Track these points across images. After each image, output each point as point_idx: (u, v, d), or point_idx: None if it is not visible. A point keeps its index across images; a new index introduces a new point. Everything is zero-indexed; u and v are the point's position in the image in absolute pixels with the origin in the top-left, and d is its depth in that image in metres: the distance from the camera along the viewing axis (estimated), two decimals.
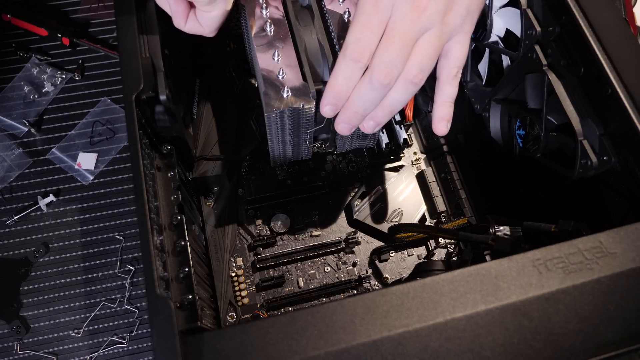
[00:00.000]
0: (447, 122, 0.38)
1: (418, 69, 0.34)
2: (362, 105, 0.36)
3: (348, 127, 0.38)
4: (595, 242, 0.30)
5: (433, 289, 0.29)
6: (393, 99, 0.36)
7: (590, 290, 0.29)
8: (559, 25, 0.38)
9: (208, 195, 0.54)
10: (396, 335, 0.27)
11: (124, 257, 0.55)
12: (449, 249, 0.53)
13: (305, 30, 0.43)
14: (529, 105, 0.44)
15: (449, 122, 0.38)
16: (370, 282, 0.52)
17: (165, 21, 0.41)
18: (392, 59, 0.33)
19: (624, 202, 0.38)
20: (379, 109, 0.37)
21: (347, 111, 0.37)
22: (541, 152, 0.42)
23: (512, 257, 0.30)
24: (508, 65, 0.45)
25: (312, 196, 0.55)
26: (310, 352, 0.27)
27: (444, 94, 0.38)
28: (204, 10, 0.40)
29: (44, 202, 0.56)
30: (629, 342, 0.28)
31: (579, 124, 0.38)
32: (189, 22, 0.41)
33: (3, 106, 0.61)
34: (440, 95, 0.38)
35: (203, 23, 0.41)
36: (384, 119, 0.38)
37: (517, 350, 0.27)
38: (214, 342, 0.27)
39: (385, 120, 0.38)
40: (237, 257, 0.52)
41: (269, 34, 0.42)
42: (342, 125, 0.38)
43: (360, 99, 0.36)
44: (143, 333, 0.52)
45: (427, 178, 0.56)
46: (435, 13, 0.34)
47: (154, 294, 0.29)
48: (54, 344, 0.51)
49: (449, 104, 0.38)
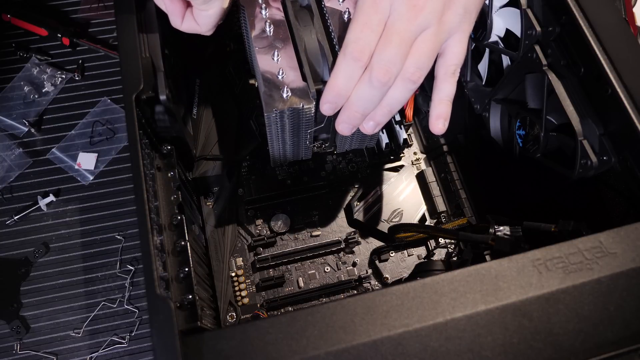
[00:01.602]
0: (444, 120, 0.38)
1: (416, 67, 0.34)
2: (362, 105, 0.36)
3: (349, 127, 0.38)
4: (595, 242, 0.30)
5: (433, 289, 0.29)
6: (392, 98, 0.36)
7: (590, 290, 0.29)
8: (559, 25, 0.38)
9: (208, 195, 0.54)
10: (396, 335, 0.27)
11: (124, 257, 0.55)
12: (449, 249, 0.53)
13: (305, 30, 0.43)
14: (529, 105, 0.44)
15: (446, 121, 0.38)
16: (370, 282, 0.52)
17: (165, 21, 0.41)
18: (390, 58, 0.34)
19: (624, 202, 0.38)
20: (378, 108, 0.37)
21: (347, 111, 0.37)
22: (541, 152, 0.42)
23: (512, 257, 0.30)
24: (508, 65, 0.45)
25: (312, 196, 0.55)
26: (310, 352, 0.27)
27: (441, 92, 0.37)
28: (201, 9, 0.39)
29: (44, 202, 0.56)
30: (629, 342, 0.28)
31: (579, 124, 0.38)
32: (185, 21, 0.41)
33: (3, 106, 0.61)
34: (437, 93, 0.38)
35: (200, 22, 0.41)
36: (383, 119, 0.38)
37: (517, 350, 0.27)
38: (214, 342, 0.27)
39: (384, 120, 0.38)
40: (237, 257, 0.52)
41: (268, 34, 0.42)
42: (343, 125, 0.38)
43: (360, 98, 0.36)
44: (143, 333, 0.52)
45: (427, 178, 0.56)
46: (432, 12, 0.34)
47: (154, 294, 0.29)
48: (54, 344, 0.51)
49: (446, 102, 0.37)
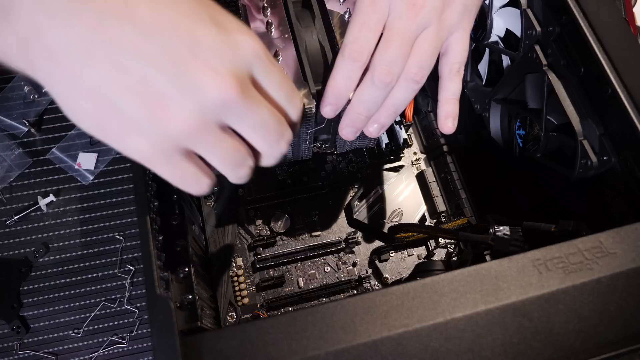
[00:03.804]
0: (453, 119, 0.37)
1: (418, 66, 0.34)
2: (365, 107, 0.36)
3: (353, 130, 0.38)
4: (595, 242, 0.30)
5: (433, 289, 0.29)
6: (396, 99, 0.36)
7: (590, 290, 0.29)
8: (559, 25, 0.38)
9: (208, 195, 0.54)
10: (396, 335, 0.27)
11: (124, 257, 0.55)
12: (449, 249, 0.53)
13: (306, 30, 0.43)
14: (529, 105, 0.44)
15: (455, 120, 0.37)
16: (370, 282, 0.52)
17: None
18: (392, 58, 0.33)
19: (624, 202, 0.38)
20: (382, 110, 0.36)
21: (350, 114, 0.37)
22: (541, 152, 0.42)
23: (512, 257, 0.30)
24: (508, 65, 0.45)
25: (312, 196, 0.55)
26: (310, 352, 0.27)
27: (447, 91, 0.37)
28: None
29: (44, 202, 0.56)
30: (629, 342, 0.28)
31: (579, 124, 0.38)
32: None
33: (3, 106, 0.61)
34: (443, 92, 0.37)
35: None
36: (387, 121, 0.37)
37: (517, 350, 0.27)
38: (214, 342, 0.27)
39: (388, 121, 0.38)
40: (237, 257, 0.52)
41: (269, 34, 0.42)
42: (347, 130, 0.38)
43: (363, 100, 0.35)
44: (143, 333, 0.52)
45: (427, 178, 0.56)
46: (432, 10, 0.34)
47: (154, 294, 0.29)
48: (54, 344, 0.51)
49: (453, 100, 0.37)
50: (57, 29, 0.22)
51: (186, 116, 0.24)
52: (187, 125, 0.24)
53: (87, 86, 0.23)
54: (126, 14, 0.22)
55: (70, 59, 0.23)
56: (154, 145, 0.25)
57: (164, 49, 0.23)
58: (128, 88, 0.23)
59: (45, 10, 0.22)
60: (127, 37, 0.22)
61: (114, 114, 0.24)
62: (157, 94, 0.23)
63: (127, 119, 0.24)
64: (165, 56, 0.23)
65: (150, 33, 0.23)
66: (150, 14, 0.23)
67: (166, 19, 0.23)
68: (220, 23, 0.25)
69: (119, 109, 0.24)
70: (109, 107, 0.23)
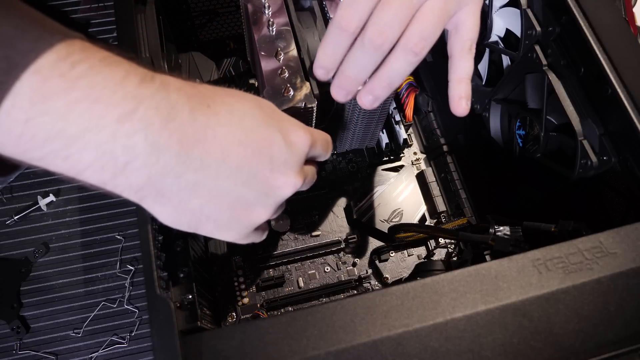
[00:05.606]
0: (467, 100, 0.35)
1: (420, 36, 0.31)
2: (354, 69, 0.34)
3: (342, 92, 0.36)
4: (595, 242, 0.30)
5: (433, 289, 0.29)
6: (392, 70, 0.33)
7: (590, 290, 0.29)
8: (559, 25, 0.38)
9: None
10: (396, 335, 0.27)
11: (124, 257, 0.55)
12: (449, 249, 0.53)
13: (308, 31, 0.43)
14: (529, 105, 0.44)
15: (469, 100, 0.35)
16: (370, 282, 0.52)
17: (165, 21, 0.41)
18: (387, 21, 0.31)
19: (624, 202, 0.38)
20: (377, 80, 0.34)
21: (340, 75, 0.35)
22: (541, 152, 0.42)
23: (512, 257, 0.30)
24: (508, 65, 0.45)
25: (312, 196, 0.55)
26: (310, 352, 0.27)
27: (459, 70, 0.35)
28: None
29: (44, 202, 0.56)
30: (629, 342, 0.28)
31: (579, 124, 0.38)
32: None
33: None
34: (455, 72, 0.35)
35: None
36: (382, 93, 0.35)
37: (517, 350, 0.27)
38: (213, 342, 0.27)
39: (383, 94, 0.35)
40: (237, 257, 0.52)
41: (271, 34, 0.42)
42: (337, 90, 0.36)
43: (352, 63, 0.34)
44: (143, 333, 0.52)
45: (427, 178, 0.56)
46: None
47: (154, 294, 0.29)
48: (54, 344, 0.51)
49: (466, 80, 0.35)
50: (172, 178, 0.27)
51: (267, 211, 0.31)
52: (267, 217, 0.31)
53: (191, 209, 0.28)
54: (222, 157, 0.28)
55: (179, 196, 0.28)
56: (239, 235, 0.32)
57: (252, 175, 0.29)
58: (224, 205, 0.29)
59: (162, 167, 0.26)
60: (223, 173, 0.28)
61: (208, 221, 0.30)
62: (247, 204, 0.30)
63: (221, 224, 0.30)
64: (253, 180, 0.29)
65: (240, 166, 0.28)
66: (239, 153, 0.28)
67: (250, 152, 0.29)
68: (283, 129, 0.30)
69: (215, 218, 0.30)
70: (206, 218, 0.29)
